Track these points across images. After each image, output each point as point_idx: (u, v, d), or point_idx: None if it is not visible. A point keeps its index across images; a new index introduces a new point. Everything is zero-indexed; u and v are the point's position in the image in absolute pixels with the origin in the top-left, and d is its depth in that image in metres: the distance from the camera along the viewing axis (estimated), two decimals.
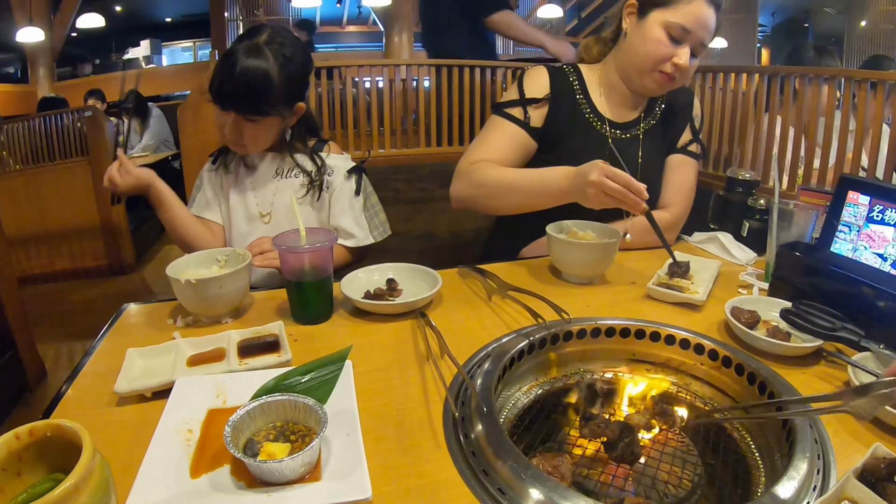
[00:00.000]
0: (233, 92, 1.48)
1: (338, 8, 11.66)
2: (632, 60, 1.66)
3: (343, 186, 1.68)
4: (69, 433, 0.63)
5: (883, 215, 1.29)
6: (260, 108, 1.51)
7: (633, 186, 1.33)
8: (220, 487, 0.74)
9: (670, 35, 1.57)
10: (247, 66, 1.47)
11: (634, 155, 1.74)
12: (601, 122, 1.74)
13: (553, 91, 1.73)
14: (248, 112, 1.51)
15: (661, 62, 1.59)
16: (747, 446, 0.95)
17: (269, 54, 1.49)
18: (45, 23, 7.51)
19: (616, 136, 1.74)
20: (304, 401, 0.80)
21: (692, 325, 1.18)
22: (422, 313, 1.22)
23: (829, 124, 1.84)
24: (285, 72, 1.51)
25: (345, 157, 1.73)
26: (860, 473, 0.74)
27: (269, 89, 1.49)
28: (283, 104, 1.56)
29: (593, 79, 1.78)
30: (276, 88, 1.50)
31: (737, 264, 1.59)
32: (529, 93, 1.74)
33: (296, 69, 1.55)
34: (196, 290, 1.16)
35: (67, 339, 3.63)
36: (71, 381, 1.01)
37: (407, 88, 2.50)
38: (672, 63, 1.58)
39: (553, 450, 0.93)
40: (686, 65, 1.58)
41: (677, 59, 1.57)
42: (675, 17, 1.55)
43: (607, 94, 1.76)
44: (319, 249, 1.19)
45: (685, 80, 1.67)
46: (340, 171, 1.69)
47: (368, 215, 1.75)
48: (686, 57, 1.57)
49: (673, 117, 1.80)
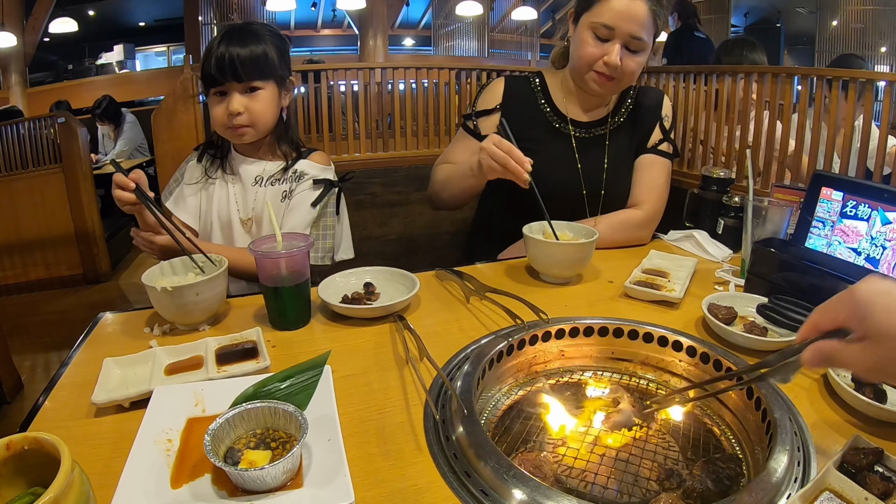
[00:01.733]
0: (232, 58, 1.49)
1: (312, 11, 11.60)
2: (572, 65, 1.75)
3: (304, 195, 1.63)
4: (47, 446, 0.62)
5: (856, 211, 1.31)
6: (261, 68, 1.53)
7: (514, 154, 1.45)
8: (201, 497, 0.73)
9: (596, 35, 1.63)
10: (241, 33, 1.52)
11: (601, 153, 1.79)
12: (563, 123, 1.80)
13: (505, 99, 1.83)
14: (251, 75, 1.52)
15: (591, 62, 1.65)
16: (728, 440, 0.96)
17: (256, 26, 1.57)
18: (17, 28, 7.40)
19: (580, 135, 1.80)
20: (284, 407, 0.80)
21: (670, 323, 1.19)
22: (400, 316, 1.22)
23: (802, 122, 1.87)
24: (272, 37, 1.58)
25: (322, 168, 1.69)
26: (840, 464, 0.76)
27: (265, 50, 1.53)
28: (279, 67, 1.58)
29: (556, 83, 1.85)
30: (272, 49, 1.55)
31: (713, 261, 1.61)
32: (480, 106, 1.87)
33: (281, 40, 1.61)
34: (172, 298, 1.15)
35: (43, 350, 3.58)
36: (48, 392, 1.00)
37: (382, 91, 2.49)
38: (603, 62, 1.63)
39: (534, 450, 0.94)
40: (615, 62, 1.61)
41: (607, 57, 1.62)
42: (598, 16, 1.60)
43: (569, 97, 1.83)
44: (296, 254, 1.19)
45: (629, 79, 1.70)
46: (308, 179, 1.65)
47: (315, 234, 1.65)
48: (615, 54, 1.61)
49: (641, 117, 1.84)
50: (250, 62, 1.51)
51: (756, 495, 0.71)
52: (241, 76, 1.51)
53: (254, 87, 1.55)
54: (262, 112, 1.57)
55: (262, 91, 1.56)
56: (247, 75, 1.52)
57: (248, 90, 1.54)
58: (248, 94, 1.54)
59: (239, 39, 1.51)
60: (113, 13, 11.40)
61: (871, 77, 1.70)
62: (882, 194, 1.28)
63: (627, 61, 1.63)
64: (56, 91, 7.83)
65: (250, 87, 1.54)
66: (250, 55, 1.51)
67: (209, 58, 1.51)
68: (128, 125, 6.21)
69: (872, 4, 8.12)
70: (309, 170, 1.66)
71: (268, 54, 1.55)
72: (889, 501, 0.72)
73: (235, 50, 1.49)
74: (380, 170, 2.44)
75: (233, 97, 1.53)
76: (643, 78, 2.50)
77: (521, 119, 1.77)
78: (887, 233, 1.25)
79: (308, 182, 1.65)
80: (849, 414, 0.93)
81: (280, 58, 1.59)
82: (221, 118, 1.55)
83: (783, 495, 0.74)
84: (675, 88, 2.33)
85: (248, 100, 1.54)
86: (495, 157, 1.46)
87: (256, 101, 1.55)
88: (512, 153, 1.45)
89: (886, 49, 8.07)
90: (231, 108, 1.53)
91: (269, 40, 1.56)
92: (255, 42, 1.52)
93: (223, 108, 1.54)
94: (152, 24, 11.85)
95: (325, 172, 1.69)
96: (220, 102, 1.55)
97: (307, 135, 2.46)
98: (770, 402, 0.88)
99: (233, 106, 1.53)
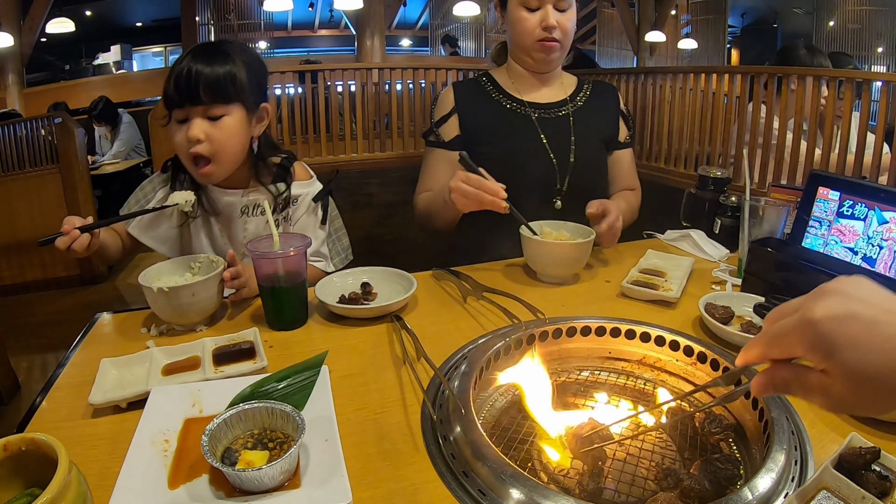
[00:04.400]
0: (194, 77, 1.33)
1: (309, 12, 11.61)
2: (517, 47, 1.82)
3: (306, 220, 1.59)
4: (44, 447, 0.62)
5: (853, 210, 1.31)
6: (225, 91, 1.37)
7: (485, 186, 1.44)
8: (198, 497, 0.73)
9: (528, 7, 1.72)
10: (208, 51, 1.38)
11: (566, 130, 1.83)
12: (523, 107, 1.84)
13: (458, 101, 1.86)
14: (213, 98, 1.35)
15: (532, 32, 1.73)
16: (725, 439, 0.96)
17: (229, 45, 1.43)
18: (14, 28, 7.38)
19: (541, 115, 1.84)
20: (282, 407, 0.80)
21: (667, 322, 1.19)
22: (397, 317, 1.22)
23: (799, 122, 1.87)
24: (245, 57, 1.42)
25: (310, 183, 1.62)
26: (837, 463, 0.75)
27: (233, 71, 1.37)
28: (249, 92, 1.42)
29: (503, 77, 1.91)
30: (242, 71, 1.39)
31: (710, 261, 1.61)
32: (437, 115, 1.89)
33: (255, 62, 1.46)
34: (168, 299, 1.15)
35: (40, 351, 3.58)
36: (45, 393, 0.99)
37: (379, 92, 2.49)
38: (542, 28, 1.71)
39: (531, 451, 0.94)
40: (552, 22, 1.70)
41: (544, 22, 1.70)
42: None
43: (522, 83, 1.88)
44: (293, 255, 1.19)
45: (569, 37, 1.78)
46: (305, 202, 1.58)
47: (331, 241, 1.66)
48: (551, 16, 1.70)
49: (602, 105, 1.92)
50: (213, 83, 1.34)
51: (753, 495, 0.71)
52: (200, 98, 1.34)
53: (216, 112, 1.37)
54: (224, 141, 1.39)
55: (227, 118, 1.39)
56: (207, 97, 1.35)
57: (210, 116, 1.37)
58: (210, 121, 1.37)
59: (205, 58, 1.35)
60: (110, 14, 11.39)
61: (868, 77, 1.71)
62: (879, 194, 1.28)
63: (562, 20, 1.72)
64: (53, 91, 7.81)
65: (213, 113, 1.37)
66: (214, 75, 1.34)
67: (169, 78, 1.36)
68: (124, 126, 6.20)
69: (869, 5, 8.15)
70: (298, 191, 1.58)
71: (235, 76, 1.37)
72: (886, 500, 0.72)
73: (199, 68, 1.33)
74: (377, 170, 2.44)
75: (193, 122, 1.36)
76: (643, 77, 2.50)
77: (479, 113, 1.84)
78: (884, 232, 1.25)
79: (304, 205, 1.58)
80: (846, 413, 0.94)
81: (252, 81, 1.43)
82: (181, 145, 1.39)
83: (780, 494, 0.74)
84: (673, 89, 2.34)
85: (210, 127, 1.37)
86: (468, 196, 1.45)
87: (219, 128, 1.38)
88: (483, 186, 1.44)
89: (883, 49, 8.09)
90: (189, 133, 1.35)
91: (241, 61, 1.40)
92: (222, 61, 1.36)
93: (182, 134, 1.37)
94: (149, 25, 11.85)
95: (313, 185, 1.62)
96: (179, 130, 1.39)
97: (304, 135, 2.46)
98: (767, 401, 0.88)
99: (192, 132, 1.35)
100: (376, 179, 2.42)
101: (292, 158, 1.62)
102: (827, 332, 0.52)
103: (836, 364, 0.52)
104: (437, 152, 1.86)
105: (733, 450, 0.93)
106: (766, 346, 0.59)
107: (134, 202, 1.54)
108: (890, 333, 0.51)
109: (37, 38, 7.99)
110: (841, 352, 0.51)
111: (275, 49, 10.70)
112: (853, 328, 0.51)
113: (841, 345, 0.51)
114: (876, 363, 0.51)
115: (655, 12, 8.53)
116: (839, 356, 0.52)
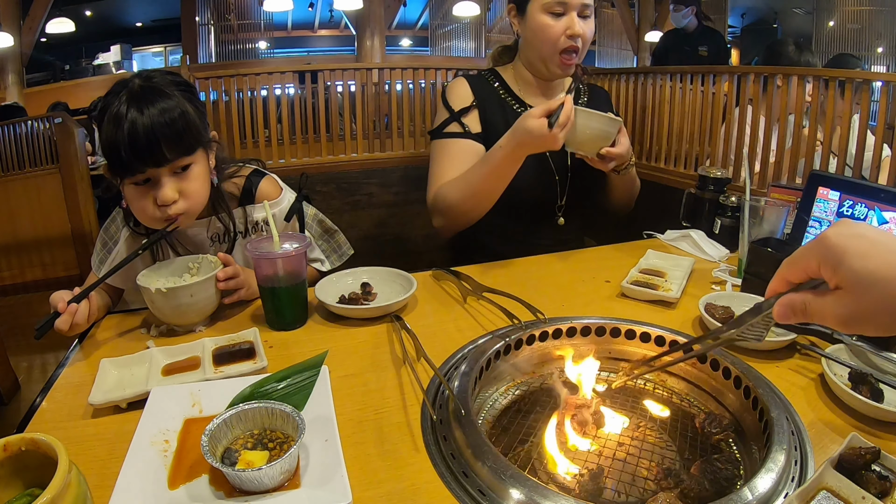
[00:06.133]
0: (150, 136, 1.17)
1: (310, 12, 11.60)
2: (536, 54, 1.77)
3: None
4: (44, 447, 0.62)
5: (853, 210, 1.32)
6: (187, 139, 1.24)
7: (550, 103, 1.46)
8: (198, 498, 0.73)
9: (552, 14, 1.67)
10: (146, 96, 1.19)
11: None
12: None
13: (477, 96, 1.81)
14: (178, 152, 1.23)
15: (556, 41, 1.69)
16: (725, 439, 0.96)
17: (158, 80, 1.25)
18: (14, 28, 7.38)
19: None
20: (281, 408, 0.80)
21: (667, 323, 1.19)
22: (397, 317, 1.22)
23: (798, 122, 1.87)
24: (178, 87, 1.26)
25: (278, 201, 1.50)
26: (837, 463, 0.75)
27: (182, 110, 1.22)
28: (202, 128, 1.30)
29: (510, 78, 1.88)
30: (187, 104, 1.24)
31: (710, 261, 1.61)
32: (457, 105, 1.80)
33: (185, 85, 1.29)
34: (167, 299, 1.15)
35: (40, 351, 3.57)
36: (45, 393, 1.00)
37: (379, 92, 2.49)
38: (567, 36, 1.67)
39: (531, 450, 0.94)
40: (579, 31, 1.67)
41: (570, 30, 1.67)
42: None
43: (527, 88, 1.86)
44: (292, 255, 1.19)
45: (587, 48, 1.75)
46: (279, 221, 1.49)
47: (323, 242, 1.61)
48: (577, 24, 1.67)
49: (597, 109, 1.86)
50: (174, 136, 1.20)
51: (753, 495, 0.71)
52: (165, 157, 1.20)
53: (183, 163, 1.25)
54: (197, 191, 1.29)
55: (194, 166, 1.28)
56: (172, 153, 1.21)
57: (177, 170, 1.25)
58: (178, 175, 1.25)
59: (148, 105, 1.17)
60: (110, 13, 11.38)
61: (868, 77, 1.71)
62: (879, 194, 1.28)
63: (585, 28, 1.70)
64: (53, 91, 7.82)
65: (179, 166, 1.25)
66: (171, 126, 1.19)
67: (114, 141, 1.16)
68: None
69: (869, 5, 8.15)
70: (271, 209, 1.39)
71: (187, 116, 1.22)
72: (886, 500, 0.72)
73: (150, 122, 1.16)
74: (377, 170, 2.44)
75: (162, 184, 1.22)
76: (642, 77, 2.50)
77: (491, 111, 1.80)
78: None
79: (280, 223, 1.49)
80: (846, 413, 0.94)
81: (199, 112, 1.28)
82: (149, 209, 1.25)
83: (780, 495, 0.74)
84: (672, 89, 2.33)
85: (180, 181, 1.26)
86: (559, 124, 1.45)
87: (190, 180, 1.27)
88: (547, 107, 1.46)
89: (883, 49, 8.10)
90: (163, 197, 1.22)
91: (180, 94, 1.24)
92: (168, 103, 1.20)
93: (149, 198, 1.24)
94: (149, 25, 11.83)
95: (284, 200, 1.52)
96: (143, 195, 1.24)
97: (304, 135, 2.46)
98: (767, 401, 0.88)
99: (165, 195, 1.22)
100: (376, 179, 2.42)
101: (260, 174, 1.53)
102: (837, 244, 0.60)
103: (844, 273, 0.59)
104: (463, 143, 1.76)
105: (733, 450, 0.93)
106: (786, 268, 0.68)
107: (101, 246, 1.44)
108: (892, 248, 0.59)
109: (37, 38, 8.00)
110: (850, 260, 0.59)
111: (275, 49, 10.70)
112: (860, 242, 0.59)
113: (850, 255, 0.59)
114: (881, 271, 0.58)
115: (655, 12, 8.53)
116: (847, 264, 0.59)
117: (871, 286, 0.58)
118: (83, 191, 4.47)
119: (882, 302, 0.58)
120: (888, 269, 0.58)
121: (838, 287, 0.61)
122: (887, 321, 0.59)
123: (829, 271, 0.61)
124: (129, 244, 1.40)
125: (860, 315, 0.60)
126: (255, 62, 9.75)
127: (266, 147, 2.40)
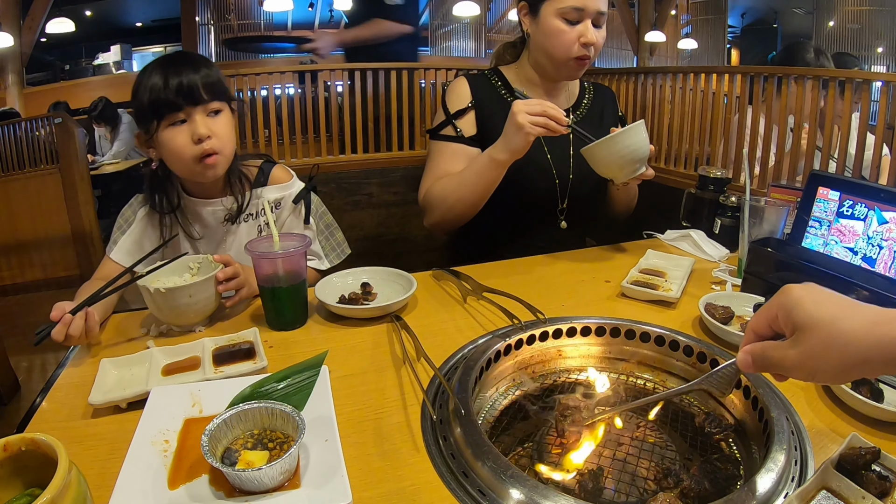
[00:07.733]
0: (189, 80, 1.33)
1: (310, 12, 11.60)
2: (545, 57, 1.74)
3: (291, 222, 1.57)
4: (44, 447, 0.62)
5: (853, 210, 1.32)
6: (220, 86, 1.39)
7: (544, 104, 1.48)
8: (198, 498, 0.73)
9: (567, 20, 1.64)
10: (182, 59, 1.38)
11: (567, 145, 1.80)
12: None
13: (475, 97, 1.80)
14: (212, 95, 1.37)
15: (570, 48, 1.66)
16: (725, 439, 0.96)
17: (188, 53, 1.43)
18: (14, 28, 7.37)
19: None
20: (281, 408, 0.80)
21: (667, 322, 1.19)
22: (397, 317, 1.22)
23: (798, 122, 1.87)
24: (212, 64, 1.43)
25: (289, 185, 1.58)
26: (837, 463, 0.76)
27: (213, 71, 1.40)
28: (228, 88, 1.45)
29: (513, 77, 1.86)
30: (217, 72, 1.41)
31: (710, 261, 1.61)
32: (453, 107, 1.80)
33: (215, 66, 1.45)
34: (166, 300, 1.15)
35: (40, 351, 3.56)
36: (45, 393, 1.00)
37: (379, 92, 2.49)
38: (581, 44, 1.65)
39: (532, 450, 0.94)
40: (593, 39, 1.65)
41: (584, 38, 1.64)
42: (564, 1, 1.62)
43: (532, 89, 1.83)
44: (293, 254, 1.19)
45: (597, 55, 1.74)
46: (287, 204, 1.56)
47: (323, 238, 1.64)
48: (591, 33, 1.65)
49: (601, 112, 1.90)
50: (208, 81, 1.36)
51: (753, 495, 0.71)
52: (201, 97, 1.35)
53: (215, 108, 1.39)
54: (227, 135, 1.41)
55: (223, 113, 1.41)
56: (207, 95, 1.36)
57: (210, 113, 1.38)
58: (210, 118, 1.38)
59: (184, 63, 1.36)
60: (110, 13, 11.39)
61: (868, 77, 1.71)
62: (879, 194, 1.28)
63: (598, 36, 1.68)
64: (53, 91, 7.80)
65: (212, 108, 1.39)
66: (206, 74, 1.37)
67: (154, 87, 1.32)
68: (124, 126, 6.19)
69: (869, 5, 8.15)
70: (279, 194, 1.55)
71: (218, 71, 1.41)
72: (886, 500, 0.72)
73: (187, 70, 1.34)
74: (377, 170, 2.44)
75: (195, 120, 1.35)
76: (642, 77, 2.50)
77: (492, 112, 1.78)
78: (884, 232, 1.26)
79: (287, 208, 1.56)
80: (846, 413, 0.94)
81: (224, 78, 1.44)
82: (186, 148, 1.35)
83: (780, 494, 0.74)
84: (673, 89, 2.34)
85: (212, 122, 1.38)
86: (533, 113, 1.46)
87: (219, 123, 1.39)
88: (544, 104, 1.48)
89: (883, 49, 8.10)
90: (198, 130, 1.34)
91: (211, 64, 1.42)
92: (203, 65, 1.38)
93: (185, 136, 1.35)
94: (149, 25, 11.83)
95: (293, 186, 1.59)
96: (179, 133, 1.35)
97: (304, 135, 2.46)
98: (767, 401, 0.88)
99: (199, 129, 1.34)
100: (376, 179, 2.41)
101: (271, 162, 1.61)
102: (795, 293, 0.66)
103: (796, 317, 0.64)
104: (455, 147, 1.77)
105: (733, 450, 0.93)
106: (755, 321, 0.71)
107: (116, 229, 1.50)
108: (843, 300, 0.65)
109: (37, 37, 7.98)
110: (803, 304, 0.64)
111: None
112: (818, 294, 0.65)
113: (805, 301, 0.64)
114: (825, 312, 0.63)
115: (655, 12, 8.52)
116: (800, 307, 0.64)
117: (814, 327, 0.63)
118: (83, 191, 4.47)
119: (827, 341, 0.62)
120: (831, 311, 0.63)
121: (793, 332, 0.65)
122: (835, 364, 0.62)
123: (785, 316, 0.66)
124: (143, 223, 1.48)
125: (810, 357, 0.63)
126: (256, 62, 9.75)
127: (266, 147, 2.40)
